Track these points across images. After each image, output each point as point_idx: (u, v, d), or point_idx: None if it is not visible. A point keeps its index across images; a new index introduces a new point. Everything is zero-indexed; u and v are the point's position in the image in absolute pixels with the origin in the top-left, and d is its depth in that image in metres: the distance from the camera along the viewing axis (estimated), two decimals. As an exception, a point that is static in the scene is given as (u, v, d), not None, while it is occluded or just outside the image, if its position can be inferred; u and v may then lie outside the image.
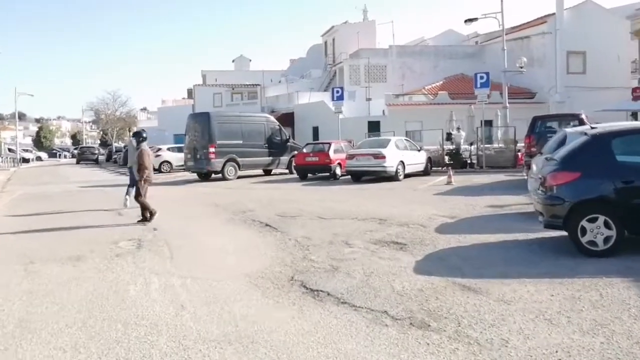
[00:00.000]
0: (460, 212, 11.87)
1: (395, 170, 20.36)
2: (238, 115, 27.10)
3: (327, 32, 56.22)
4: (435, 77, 44.30)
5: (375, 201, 14.53)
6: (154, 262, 7.90)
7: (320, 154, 22.92)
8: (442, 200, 14.25)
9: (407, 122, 35.46)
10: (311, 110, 41.44)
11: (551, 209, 7.52)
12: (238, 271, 7.21)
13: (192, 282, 6.66)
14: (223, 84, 54.30)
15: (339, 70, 48.50)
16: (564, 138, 10.32)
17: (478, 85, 25.18)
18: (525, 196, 14.35)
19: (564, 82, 40.32)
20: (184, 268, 7.44)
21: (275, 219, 11.95)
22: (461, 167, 25.56)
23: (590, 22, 39.88)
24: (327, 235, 9.71)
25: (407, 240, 8.93)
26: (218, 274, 7.09)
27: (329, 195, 16.71)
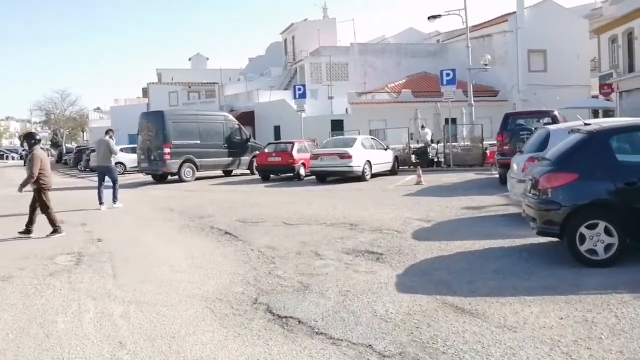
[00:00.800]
0: (436, 215, 11.04)
1: (362, 170, 19.50)
2: (194, 113, 25.85)
3: (287, 30, 55.17)
4: (398, 75, 43.75)
5: (343, 203, 13.61)
6: (93, 282, 6.75)
7: (283, 154, 21.90)
8: (414, 201, 13.41)
9: (371, 121, 34.71)
10: (272, 109, 40.33)
11: (545, 214, 6.69)
12: (192, 292, 6.16)
13: (136, 309, 5.57)
14: (179, 82, 52.71)
15: (299, 68, 47.51)
16: (546, 136, 9.62)
17: (444, 82, 24.53)
18: (499, 196, 13.69)
19: (525, 80, 40.24)
20: (129, 289, 6.33)
21: (236, 225, 10.90)
22: (428, 166, 24.87)
23: (550, 21, 39.86)
24: (294, 244, 8.73)
25: (384, 249, 8.01)
26: (168, 296, 6.02)
27: (293, 197, 15.72)
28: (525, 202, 7.32)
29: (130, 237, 10.09)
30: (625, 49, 32.22)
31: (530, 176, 7.31)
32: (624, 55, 32.38)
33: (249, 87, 47.69)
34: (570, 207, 6.44)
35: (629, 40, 31.86)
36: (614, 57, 33.95)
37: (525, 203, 7.38)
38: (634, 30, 31.01)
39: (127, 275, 7.05)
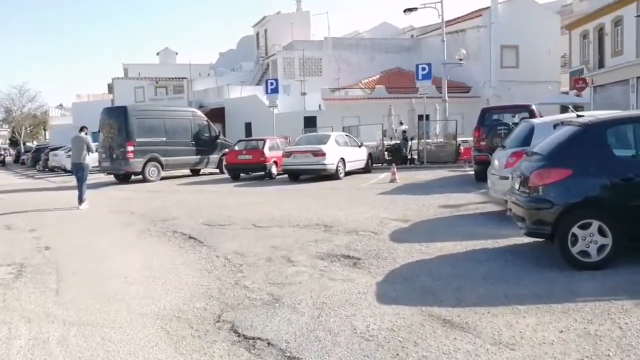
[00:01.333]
0: (413, 215, 10.49)
1: (335, 168, 18.90)
2: (160, 109, 24.93)
3: (259, 23, 54.28)
4: (372, 70, 43.29)
5: (317, 203, 13.00)
6: (31, 299, 5.98)
7: (254, 152, 21.16)
8: (389, 200, 12.86)
9: (345, 117, 34.13)
10: (243, 105, 39.48)
11: (536, 213, 6.16)
12: (146, 309, 5.48)
13: (77, 332, 4.84)
14: (146, 78, 51.51)
15: (272, 63, 46.71)
16: (530, 130, 9.13)
17: (420, 77, 24.05)
18: (477, 194, 13.22)
19: (498, 76, 40.11)
20: (72, 308, 5.59)
21: (202, 229, 10.21)
22: (402, 163, 24.41)
23: (522, 16, 39.76)
24: (265, 249, 8.08)
25: (361, 254, 7.42)
26: (118, 315, 5.32)
27: (264, 197, 15.05)
28: (512, 201, 6.78)
29: (82, 244, 9.31)
30: (596, 44, 32.22)
31: (518, 172, 6.77)
32: (594, 51, 32.36)
33: (219, 82, 46.70)
34: (563, 206, 5.93)
35: (600, 36, 31.86)
36: (584, 52, 33.95)
37: (512, 201, 6.84)
38: (604, 26, 31.00)
39: (72, 290, 6.30)
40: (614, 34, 30.14)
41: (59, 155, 33.27)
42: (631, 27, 28.09)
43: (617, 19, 29.67)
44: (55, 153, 34.35)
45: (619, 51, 29.49)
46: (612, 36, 30.22)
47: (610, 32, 30.33)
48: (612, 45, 30.24)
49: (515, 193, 6.69)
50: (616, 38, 29.98)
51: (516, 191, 6.68)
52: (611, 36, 30.27)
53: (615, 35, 30.05)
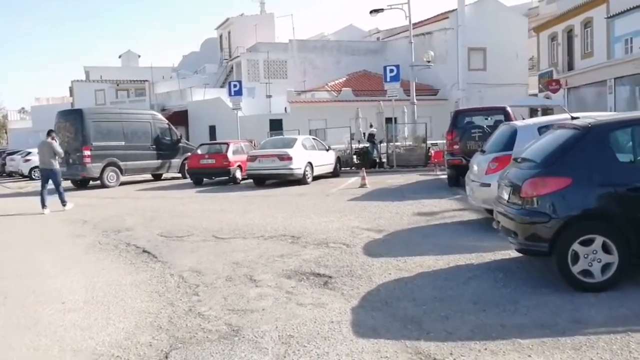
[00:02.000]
0: (387, 224, 9.79)
1: (303, 173, 18.13)
2: (118, 112, 23.77)
3: (222, 25, 53.24)
4: (338, 73, 42.68)
5: (283, 211, 12.21)
6: (-54, 332, 5.10)
7: (217, 156, 20.23)
8: (360, 207, 12.14)
9: (311, 120, 33.38)
10: (207, 108, 38.44)
11: (530, 228, 5.46)
12: (81, 344, 4.61)
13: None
14: (108, 80, 50.05)
15: (236, 65, 45.76)
16: (512, 133, 8.51)
17: (388, 79, 23.44)
18: (451, 200, 12.62)
19: (465, 79, 39.86)
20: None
21: (158, 241, 9.32)
22: (371, 167, 23.81)
23: (490, 19, 39.62)
24: (225, 265, 7.26)
25: (332, 270, 6.66)
26: (48, 354, 4.45)
27: (228, 204, 14.19)
28: (500, 212, 6.09)
29: (21, 261, 8.33)
30: (565, 46, 32.17)
31: (506, 181, 6.09)
32: (563, 53, 32.31)
33: (182, 84, 45.55)
34: (562, 219, 5.25)
35: (569, 38, 31.82)
36: (553, 55, 33.91)
37: (499, 212, 6.16)
38: (574, 27, 30.95)
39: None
40: (584, 35, 30.08)
41: (15, 160, 31.86)
42: (601, 28, 28.05)
43: (587, 21, 29.61)
44: (12, 158, 32.86)
45: (588, 53, 29.43)
46: (582, 38, 30.16)
47: (580, 34, 30.27)
48: (582, 47, 30.18)
49: (504, 204, 6.01)
50: (586, 40, 29.92)
51: (505, 202, 6.00)
52: (581, 38, 30.22)
53: (585, 37, 30.00)
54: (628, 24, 26.05)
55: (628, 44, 26.05)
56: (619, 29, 26.81)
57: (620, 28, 26.72)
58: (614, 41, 27.11)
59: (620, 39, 26.61)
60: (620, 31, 26.67)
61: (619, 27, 26.81)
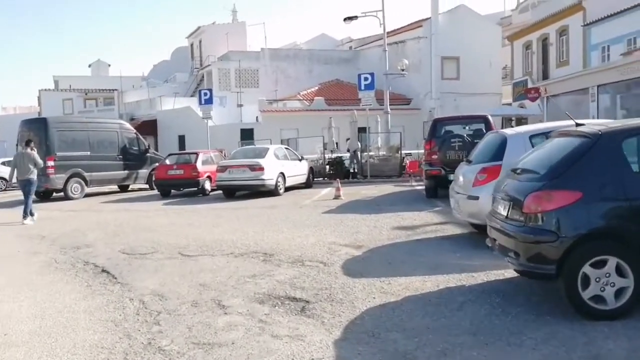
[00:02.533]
0: (366, 239, 9.21)
1: (275, 184, 17.48)
2: (84, 121, 22.86)
3: (193, 34, 52.40)
4: (310, 82, 42.23)
5: (254, 224, 11.55)
6: None
7: (186, 166, 19.47)
8: (336, 220, 11.54)
9: (283, 130, 32.88)
10: (177, 117, 37.58)
11: (534, 247, 4.90)
12: (16, 393, 3.92)
13: None
14: (77, 89, 48.84)
15: (207, 74, 44.99)
16: (501, 142, 8.01)
17: (362, 87, 22.96)
18: (431, 212, 12.11)
19: (439, 88, 39.68)
20: None
21: (119, 259, 8.59)
22: (344, 177, 23.26)
23: (463, 27, 39.57)
24: (191, 287, 6.59)
25: (310, 294, 6.05)
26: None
27: (196, 217, 13.46)
28: (496, 228, 5.54)
29: (-34, 283, 7.54)
30: (540, 55, 32.21)
31: (503, 194, 5.54)
32: (538, 62, 32.34)
33: (152, 94, 44.56)
34: (571, 238, 4.69)
35: (544, 46, 31.85)
36: (527, 63, 33.93)
37: (494, 229, 5.61)
38: (549, 36, 31.00)
39: None
40: (559, 44, 30.12)
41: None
42: (577, 36, 28.08)
43: (563, 29, 29.66)
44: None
45: (564, 61, 29.44)
46: (557, 46, 30.19)
47: (555, 42, 30.30)
48: (558, 55, 30.21)
49: (501, 219, 5.47)
50: (561, 48, 29.96)
51: (502, 217, 5.45)
52: (556, 46, 30.24)
53: (561, 46, 30.03)
54: (605, 32, 26.10)
55: (605, 52, 26.09)
56: (596, 37, 26.86)
57: (597, 36, 26.77)
58: (590, 49, 27.15)
59: (597, 47, 26.65)
60: (597, 39, 26.72)
61: (596, 35, 26.86)
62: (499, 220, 5.48)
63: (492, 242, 5.76)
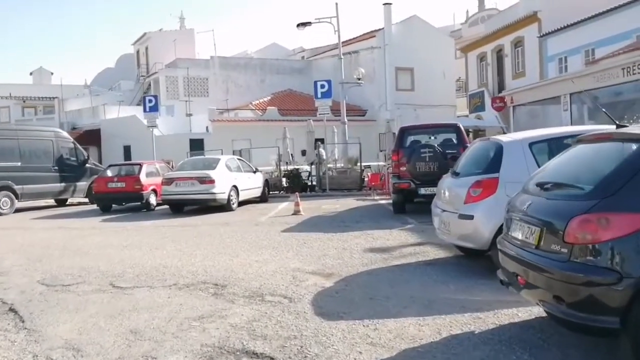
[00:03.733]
0: (335, 264, 7.84)
1: (227, 198, 15.97)
2: (14, 129, 20.91)
3: (139, 40, 50.28)
4: (262, 92, 40.85)
5: (204, 246, 10.04)
6: None
7: (128, 179, 17.74)
8: (298, 241, 10.14)
9: (235, 140, 31.29)
10: (122, 127, 35.49)
11: (585, 290, 3.55)
12: None
13: None
14: (16, 97, 46.04)
15: (153, 82, 43.03)
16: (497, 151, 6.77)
17: (319, 95, 21.74)
18: (402, 230, 10.84)
19: (393, 99, 38.92)
20: None
21: (35, 292, 6.96)
22: (302, 191, 21.88)
23: (417, 38, 38.97)
24: (118, 336, 5.06)
25: (274, 347, 4.62)
26: None
27: (137, 237, 11.83)
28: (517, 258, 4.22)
29: None
30: (495, 66, 31.71)
31: (526, 215, 4.23)
32: (493, 73, 31.84)
33: (96, 102, 42.24)
34: None
35: (499, 58, 31.38)
36: (482, 75, 33.43)
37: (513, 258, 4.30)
38: (504, 47, 30.52)
39: None
40: (514, 55, 29.66)
41: None
42: (533, 48, 27.63)
43: (517, 40, 29.21)
44: None
45: (520, 73, 28.97)
46: (513, 57, 29.72)
47: (511, 54, 29.83)
48: (513, 66, 29.74)
49: (522, 247, 4.18)
50: (517, 59, 29.50)
51: (523, 244, 4.17)
52: (511, 58, 29.77)
53: (516, 57, 29.57)
54: (561, 43, 25.67)
55: (562, 63, 25.62)
56: (552, 48, 26.42)
57: (553, 47, 26.33)
58: (547, 60, 26.69)
59: (553, 58, 26.19)
60: (554, 50, 26.28)
61: (552, 46, 26.42)
62: (522, 248, 4.18)
63: (510, 277, 4.45)
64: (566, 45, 25.34)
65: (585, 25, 24.42)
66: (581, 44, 24.76)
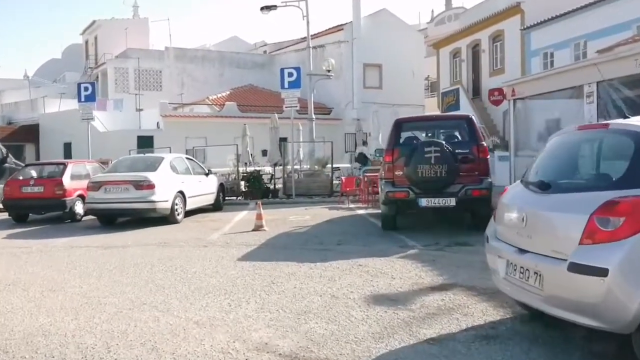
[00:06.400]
0: (329, 336, 4.72)
1: (170, 207, 12.70)
2: None
3: (88, 29, 46.18)
4: (221, 87, 37.49)
5: (124, 285, 6.82)
6: None
7: (48, 182, 14.21)
8: (262, 277, 7.00)
9: (189, 138, 27.88)
10: (62, 122, 31.53)
11: None
12: None
13: None
14: (-55, 90, 41.65)
15: (101, 73, 39.20)
16: (634, 147, 3.75)
17: (286, 85, 18.50)
18: (406, 259, 7.79)
19: (360, 97, 36.02)
20: None
21: None
22: (263, 196, 18.75)
23: (386, 33, 36.14)
24: None
25: None
26: None
27: (34, 266, 8.48)
28: None
29: None
30: (470, 63, 29.13)
31: None
32: (468, 70, 29.24)
33: (37, 94, 38.15)
34: None
35: (474, 53, 28.80)
36: (455, 72, 30.82)
37: None
38: (480, 42, 27.94)
39: None
40: (492, 50, 27.09)
41: None
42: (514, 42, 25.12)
43: (497, 34, 26.64)
44: None
45: (498, 69, 26.39)
46: (490, 53, 27.15)
47: (488, 49, 27.24)
48: (491, 62, 27.17)
49: None
50: (495, 55, 26.95)
51: None
52: (489, 53, 27.19)
53: (494, 52, 27.01)
54: (547, 36, 23.19)
55: (547, 58, 23.14)
56: (536, 42, 23.93)
57: (537, 41, 23.84)
58: (529, 55, 24.19)
59: (537, 53, 23.71)
60: (538, 44, 23.79)
61: (536, 40, 23.94)
62: None
63: None
64: (552, 38, 22.87)
65: (575, 16, 21.98)
66: (570, 37, 22.30)
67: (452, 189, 9.41)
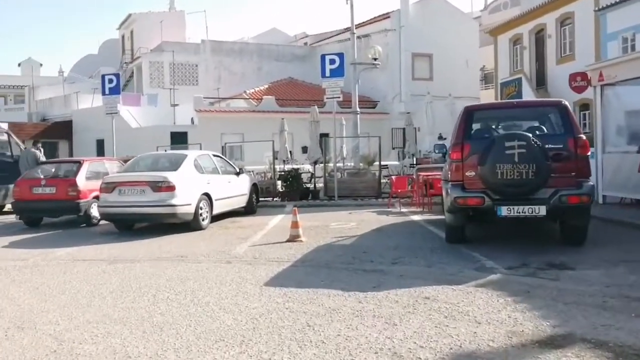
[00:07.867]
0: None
1: (194, 211, 10.97)
2: None
3: (124, 23, 45.25)
4: (259, 81, 36.04)
5: (114, 322, 5.08)
6: None
7: (60, 182, 12.65)
8: (295, 316, 5.18)
9: (224, 134, 26.32)
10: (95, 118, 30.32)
11: None
12: None
13: None
14: (5, 86, 41.60)
15: (136, 68, 38.25)
16: None
17: (327, 74, 16.35)
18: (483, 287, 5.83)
19: (409, 89, 33.89)
20: None
21: None
22: (301, 198, 16.97)
23: (437, 21, 34.05)
24: None
25: None
26: None
27: (17, 287, 6.83)
28: None
29: None
30: (533, 50, 26.66)
31: None
32: (531, 59, 26.78)
33: (69, 90, 37.29)
34: None
35: (538, 39, 26.34)
36: (516, 61, 28.38)
37: None
38: (546, 27, 25.46)
39: None
40: (560, 35, 24.61)
41: None
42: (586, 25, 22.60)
43: (565, 17, 24.14)
44: None
45: (568, 56, 23.94)
46: (558, 38, 24.67)
47: (555, 34, 24.77)
48: (558, 49, 24.70)
49: None
50: (563, 40, 24.47)
51: None
52: (556, 38, 24.72)
53: (562, 38, 24.54)
54: (626, 17, 20.58)
55: (628, 42, 20.56)
56: (613, 24, 21.32)
57: (614, 23, 21.23)
58: (605, 39, 21.62)
59: (615, 36, 21.11)
60: (615, 26, 21.16)
61: (613, 22, 21.32)
62: None
63: None
64: (633, 19, 20.25)
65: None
66: (654, 17, 19.72)
67: (542, 195, 7.35)
